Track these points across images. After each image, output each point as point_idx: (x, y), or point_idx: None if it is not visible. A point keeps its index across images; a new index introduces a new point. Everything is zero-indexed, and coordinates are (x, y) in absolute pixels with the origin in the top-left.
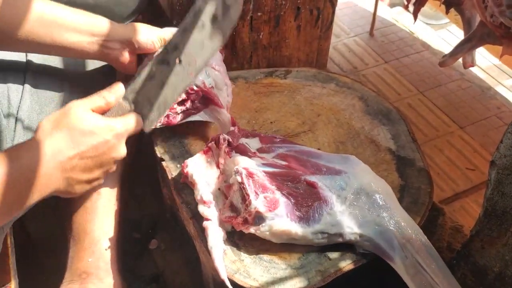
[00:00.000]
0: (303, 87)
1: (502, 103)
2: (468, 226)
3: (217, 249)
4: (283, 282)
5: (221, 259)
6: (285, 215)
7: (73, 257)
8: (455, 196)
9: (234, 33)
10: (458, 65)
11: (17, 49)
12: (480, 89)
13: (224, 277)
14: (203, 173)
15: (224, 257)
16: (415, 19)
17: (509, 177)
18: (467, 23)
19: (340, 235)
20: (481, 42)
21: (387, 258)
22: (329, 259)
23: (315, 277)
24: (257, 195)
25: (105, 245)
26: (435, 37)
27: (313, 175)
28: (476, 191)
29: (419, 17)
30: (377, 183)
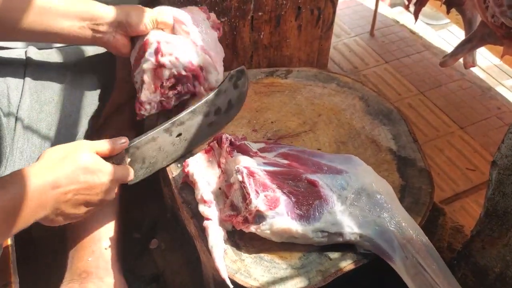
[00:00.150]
0: (304, 87)
1: (502, 103)
2: (468, 226)
3: (217, 248)
4: (283, 282)
5: (221, 259)
6: (286, 213)
7: (73, 256)
8: (455, 196)
9: (235, 33)
10: (458, 65)
11: (6, 38)
12: (480, 89)
13: (224, 276)
14: (204, 172)
15: (224, 257)
16: (416, 19)
17: (510, 177)
18: (468, 23)
19: (340, 235)
20: (482, 42)
21: (387, 258)
22: (330, 259)
23: (315, 277)
24: (257, 194)
25: (105, 244)
26: (436, 37)
27: (314, 174)
28: (476, 191)
29: (420, 17)
30: (379, 183)
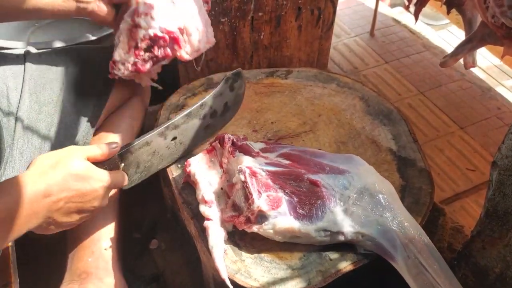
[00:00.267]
0: (304, 87)
1: (502, 104)
2: (468, 226)
3: (217, 249)
4: (284, 282)
5: (221, 259)
6: (288, 213)
7: (72, 257)
8: (455, 196)
9: (235, 33)
10: (458, 65)
11: None
12: (480, 90)
13: (224, 277)
14: (205, 172)
15: (225, 257)
16: (416, 19)
17: (511, 178)
18: (468, 23)
19: (342, 234)
20: (482, 42)
21: (389, 258)
22: (330, 259)
23: (316, 278)
24: (260, 194)
25: (105, 245)
26: (436, 38)
27: (316, 174)
28: (476, 192)
29: (420, 18)
30: (381, 183)
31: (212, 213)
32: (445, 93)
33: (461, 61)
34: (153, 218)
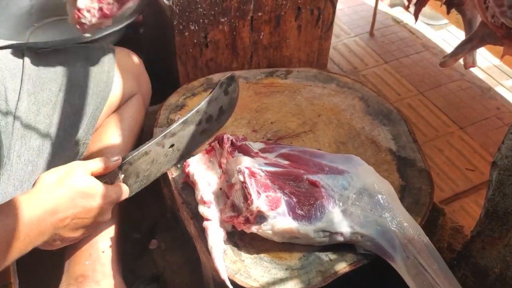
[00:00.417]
0: (304, 87)
1: (502, 104)
2: (468, 226)
3: (217, 249)
4: (283, 282)
5: (221, 259)
6: (287, 213)
7: (70, 260)
8: (455, 196)
9: (234, 33)
10: (458, 65)
11: None
12: (480, 90)
13: (224, 277)
14: (204, 172)
15: (224, 257)
16: (416, 19)
17: (511, 178)
18: (468, 23)
19: (341, 234)
20: (482, 42)
21: (388, 258)
22: (330, 259)
23: (315, 278)
24: (259, 194)
25: (102, 247)
26: (435, 38)
27: (316, 174)
28: (476, 192)
29: (420, 18)
30: (380, 183)
31: (211, 213)
32: (445, 93)
33: (461, 61)
34: (152, 218)
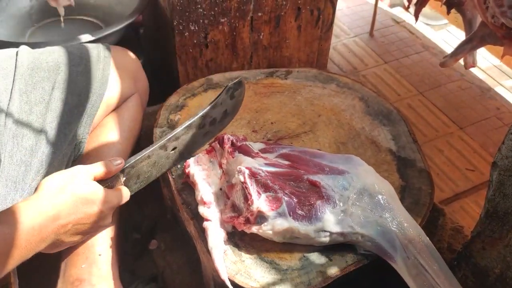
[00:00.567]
0: (304, 87)
1: (501, 104)
2: (468, 226)
3: (217, 249)
4: (284, 283)
5: (221, 260)
6: (288, 214)
7: (66, 263)
8: (455, 196)
9: (234, 33)
10: (458, 66)
11: None
12: (479, 90)
13: (224, 277)
14: (204, 173)
15: (224, 258)
16: (416, 19)
17: (511, 178)
18: (468, 23)
19: (342, 235)
20: (482, 42)
21: (388, 258)
22: (330, 259)
23: (316, 278)
24: (259, 195)
25: (99, 250)
26: (435, 38)
27: (316, 175)
28: (475, 192)
29: (419, 18)
30: (380, 184)
31: (211, 214)
32: (445, 94)
33: (461, 61)
34: (152, 218)
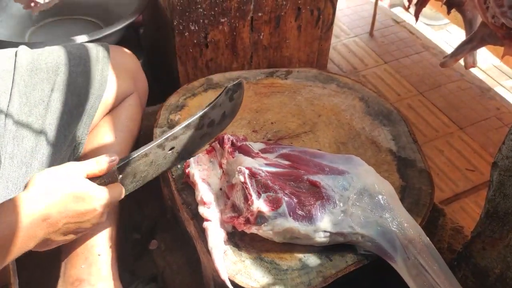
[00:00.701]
0: (304, 87)
1: (501, 104)
2: (467, 227)
3: (217, 249)
4: (284, 283)
5: (221, 260)
6: (288, 214)
7: (66, 263)
8: (455, 196)
9: (235, 34)
10: (458, 66)
11: None
12: (479, 90)
13: (225, 277)
14: (204, 173)
15: (224, 258)
16: (417, 19)
17: (511, 178)
18: (468, 24)
19: (342, 235)
20: (483, 43)
21: (389, 258)
22: (330, 260)
23: (316, 278)
24: (259, 195)
25: (99, 250)
26: (435, 38)
27: (316, 175)
28: (475, 192)
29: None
30: (380, 184)
31: (211, 214)
32: (445, 94)
33: (461, 61)
34: (152, 218)
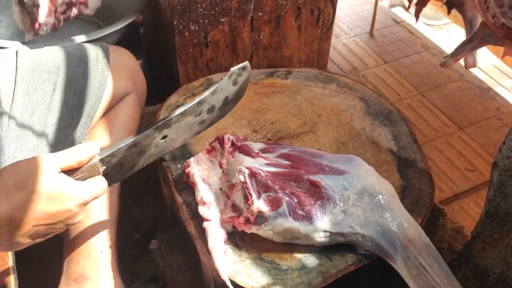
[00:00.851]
0: (304, 87)
1: (501, 104)
2: (468, 227)
3: (217, 249)
4: (284, 283)
5: (221, 260)
6: (288, 214)
7: (69, 261)
8: (455, 196)
9: (235, 33)
10: (458, 66)
11: None
12: (479, 90)
13: (225, 277)
14: (204, 173)
15: (224, 258)
16: (417, 19)
17: (511, 178)
18: (468, 24)
19: (342, 235)
20: (483, 43)
21: (389, 258)
22: (330, 260)
23: (316, 278)
24: (259, 195)
25: (101, 248)
26: (435, 38)
27: (316, 175)
28: (475, 192)
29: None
30: (381, 184)
31: (211, 214)
32: (445, 94)
33: (461, 61)
34: (152, 218)
